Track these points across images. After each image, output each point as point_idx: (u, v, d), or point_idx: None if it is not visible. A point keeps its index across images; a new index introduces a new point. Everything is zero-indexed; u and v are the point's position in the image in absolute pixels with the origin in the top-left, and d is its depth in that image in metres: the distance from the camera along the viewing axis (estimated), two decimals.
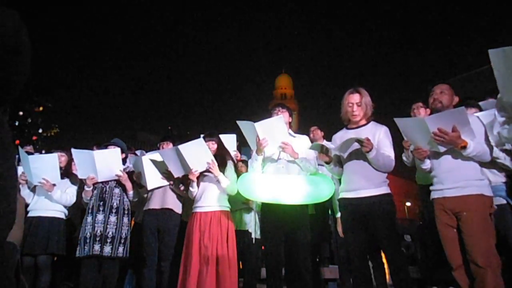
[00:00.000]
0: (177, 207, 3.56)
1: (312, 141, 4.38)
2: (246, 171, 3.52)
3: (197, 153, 3.13)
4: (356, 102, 2.73)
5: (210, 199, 3.18)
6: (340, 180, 2.89)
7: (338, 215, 3.70)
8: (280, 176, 2.98)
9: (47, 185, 3.56)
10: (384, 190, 2.65)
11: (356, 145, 2.66)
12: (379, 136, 2.68)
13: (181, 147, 3.12)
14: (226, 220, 3.13)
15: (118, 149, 3.56)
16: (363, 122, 2.78)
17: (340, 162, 2.84)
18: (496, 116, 2.40)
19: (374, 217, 2.57)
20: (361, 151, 2.63)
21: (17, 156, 3.46)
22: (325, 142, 4.29)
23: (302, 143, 3.07)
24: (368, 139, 2.56)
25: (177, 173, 3.35)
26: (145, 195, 3.69)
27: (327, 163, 2.84)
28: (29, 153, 3.95)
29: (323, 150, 2.82)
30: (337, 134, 2.92)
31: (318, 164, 3.47)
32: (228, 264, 2.98)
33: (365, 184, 2.63)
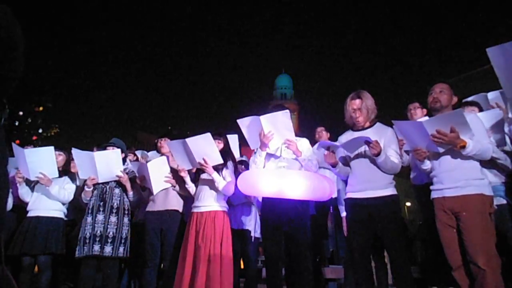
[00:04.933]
0: (180, 207, 3.56)
1: (317, 142, 4.37)
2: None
3: (204, 148, 3.10)
4: (358, 108, 2.70)
5: (206, 199, 3.18)
6: (345, 181, 2.87)
7: (344, 214, 3.69)
8: (284, 170, 2.95)
9: (45, 179, 3.52)
10: (391, 191, 2.64)
11: (363, 146, 2.64)
12: (385, 139, 2.66)
13: (188, 140, 3.08)
14: (221, 220, 3.11)
15: (119, 150, 3.55)
16: (368, 125, 2.76)
17: (346, 163, 2.82)
18: (508, 112, 2.39)
19: (380, 218, 2.57)
20: (368, 152, 2.61)
21: (9, 155, 3.42)
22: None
23: (302, 146, 3.03)
24: (377, 141, 2.54)
25: (184, 166, 3.32)
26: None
27: (333, 166, 2.82)
28: None
29: (330, 150, 2.80)
30: (342, 135, 2.90)
31: (321, 167, 3.45)
32: (220, 265, 2.95)
33: (372, 184, 2.63)
